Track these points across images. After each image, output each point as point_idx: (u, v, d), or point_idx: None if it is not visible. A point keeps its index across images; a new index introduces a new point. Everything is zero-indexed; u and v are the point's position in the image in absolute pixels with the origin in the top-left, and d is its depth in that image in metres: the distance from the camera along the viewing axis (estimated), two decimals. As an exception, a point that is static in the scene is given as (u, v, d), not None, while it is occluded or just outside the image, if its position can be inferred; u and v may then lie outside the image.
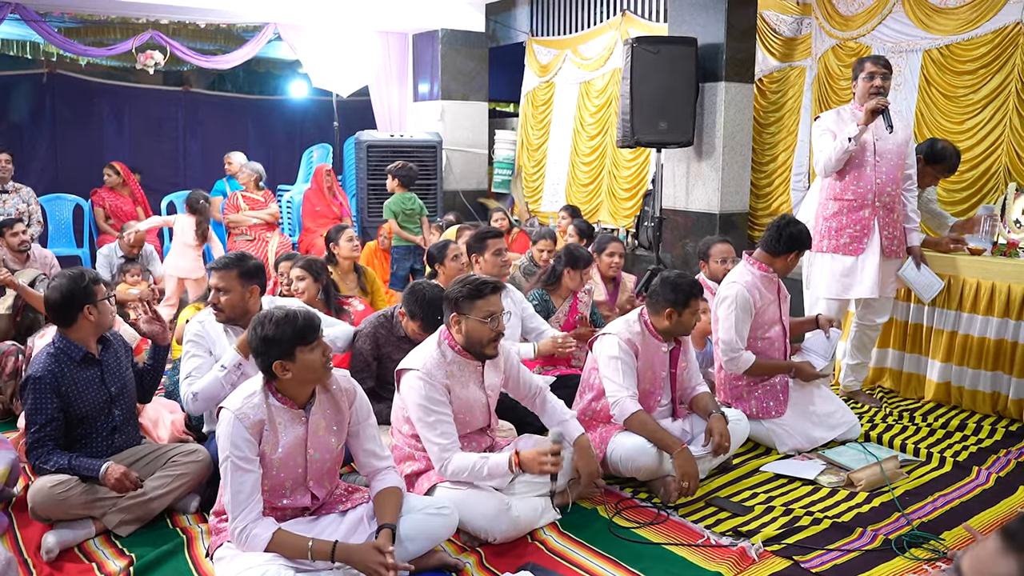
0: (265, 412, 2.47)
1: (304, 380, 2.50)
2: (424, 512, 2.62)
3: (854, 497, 3.24)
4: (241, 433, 2.41)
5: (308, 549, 2.39)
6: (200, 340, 3.27)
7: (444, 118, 8.59)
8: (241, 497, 2.40)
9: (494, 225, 6.56)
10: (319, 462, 2.57)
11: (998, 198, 4.68)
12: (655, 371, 3.39)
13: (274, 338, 2.42)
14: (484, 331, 2.88)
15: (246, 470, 2.41)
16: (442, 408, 2.86)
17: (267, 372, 2.47)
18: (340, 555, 2.39)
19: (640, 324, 3.37)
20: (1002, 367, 4.16)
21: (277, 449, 2.48)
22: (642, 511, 3.14)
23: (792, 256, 3.80)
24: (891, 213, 4.18)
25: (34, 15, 7.04)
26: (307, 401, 2.55)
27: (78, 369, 2.93)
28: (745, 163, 6.10)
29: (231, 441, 2.41)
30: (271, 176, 7.78)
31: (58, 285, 2.94)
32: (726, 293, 3.79)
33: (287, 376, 2.46)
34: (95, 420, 2.98)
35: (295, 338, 2.43)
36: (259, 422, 2.45)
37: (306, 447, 2.54)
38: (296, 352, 2.43)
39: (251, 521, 2.40)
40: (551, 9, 8.35)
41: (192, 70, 9.25)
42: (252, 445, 2.43)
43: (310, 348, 2.46)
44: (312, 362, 2.46)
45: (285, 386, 2.51)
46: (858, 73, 4.11)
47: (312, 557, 2.39)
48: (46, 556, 2.74)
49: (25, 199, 6.46)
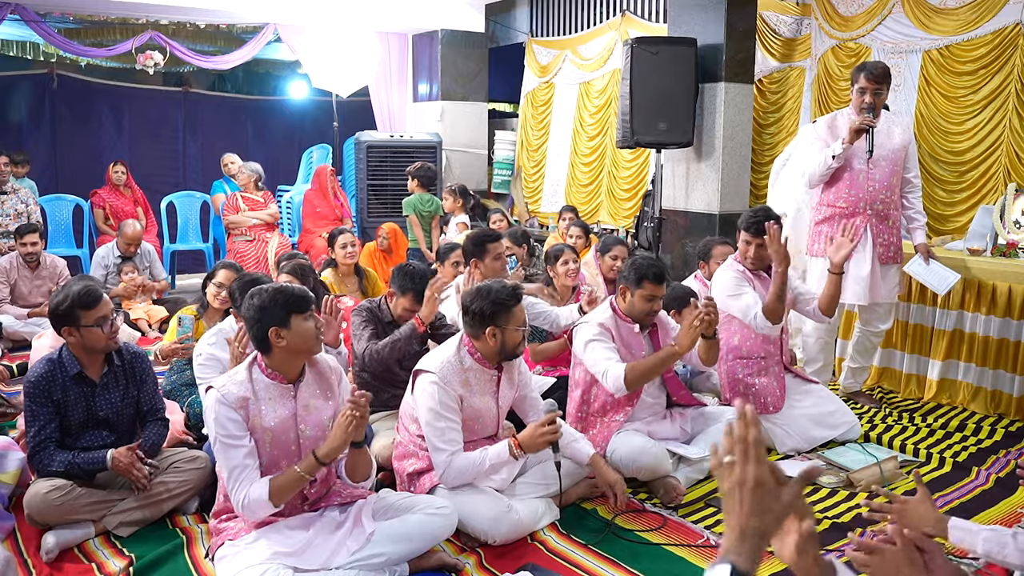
0: (249, 388, 2.52)
1: (298, 350, 2.54)
2: (424, 512, 2.63)
3: (854, 497, 3.24)
4: (225, 412, 2.46)
5: (300, 475, 2.45)
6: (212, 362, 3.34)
7: (444, 118, 8.59)
8: (236, 471, 2.45)
9: (493, 227, 6.57)
10: (311, 439, 2.59)
11: (998, 198, 4.68)
12: (634, 353, 3.38)
13: (270, 305, 2.49)
14: (519, 336, 2.93)
15: (235, 446, 2.46)
16: (452, 415, 2.86)
17: (262, 343, 2.52)
18: (323, 451, 2.46)
19: (609, 308, 3.43)
20: (1002, 367, 4.17)
21: (264, 422, 2.51)
22: (642, 512, 3.13)
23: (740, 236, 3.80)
24: (884, 220, 4.17)
25: (34, 16, 7.04)
26: (297, 377, 2.59)
27: (71, 383, 2.88)
28: (745, 164, 6.10)
29: (217, 422, 2.47)
30: (271, 177, 7.78)
31: (56, 294, 2.92)
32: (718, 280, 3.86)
33: (281, 344, 2.50)
34: (83, 434, 2.92)
35: (290, 305, 2.49)
36: (243, 398, 2.49)
37: (296, 423, 2.57)
38: (291, 319, 2.49)
39: (248, 488, 2.44)
40: (551, 9, 8.35)
41: (192, 71, 9.24)
42: (238, 423, 2.48)
43: (304, 317, 2.52)
44: (306, 330, 2.52)
45: (276, 359, 2.55)
46: (854, 82, 4.08)
47: (307, 474, 2.46)
48: (46, 556, 2.74)
49: (24, 199, 6.45)
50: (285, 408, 2.56)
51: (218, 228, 7.89)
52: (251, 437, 2.50)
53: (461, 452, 2.85)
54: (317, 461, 2.46)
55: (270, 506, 2.46)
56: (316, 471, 2.49)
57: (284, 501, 2.49)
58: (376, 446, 3.35)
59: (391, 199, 7.80)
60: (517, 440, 2.82)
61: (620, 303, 3.41)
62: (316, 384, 2.66)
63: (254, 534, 2.51)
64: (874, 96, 4.00)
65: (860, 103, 4.03)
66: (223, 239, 7.43)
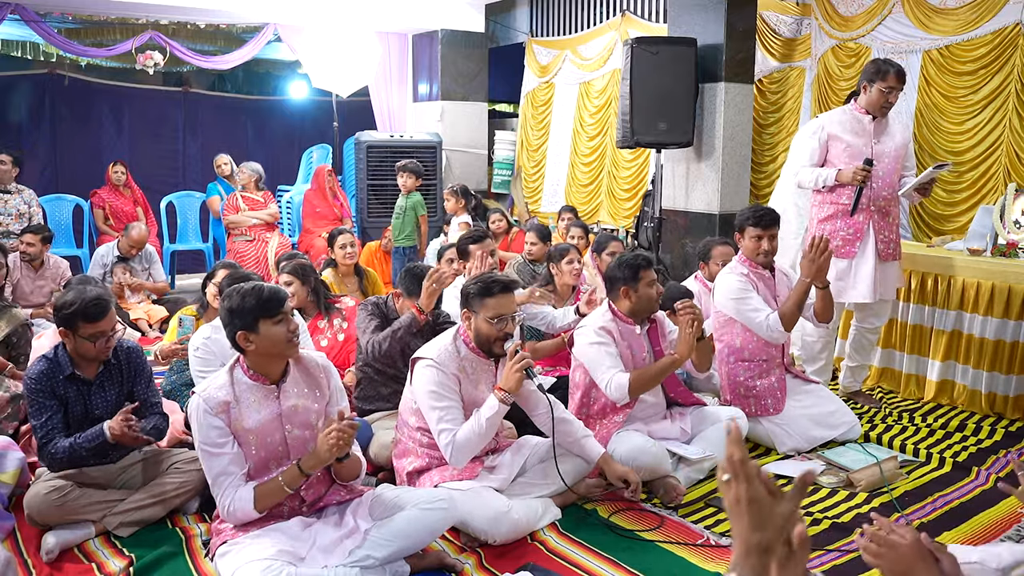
0: (231, 392, 2.52)
1: (269, 354, 2.53)
2: (419, 507, 2.61)
3: (854, 497, 3.24)
4: (207, 420, 2.47)
5: (282, 485, 2.46)
6: (209, 356, 3.35)
7: (444, 118, 8.59)
8: (220, 479, 2.47)
9: (492, 227, 6.57)
10: (300, 439, 2.59)
11: (998, 198, 4.68)
12: (635, 353, 3.41)
13: (238, 309, 2.48)
14: (491, 331, 2.91)
15: (216, 454, 2.47)
16: (452, 396, 2.89)
17: (234, 344, 2.53)
18: (307, 463, 2.47)
19: (608, 312, 3.44)
20: (1002, 367, 4.16)
21: (247, 424, 2.51)
22: (642, 512, 3.13)
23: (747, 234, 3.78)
24: (886, 217, 4.18)
25: (34, 16, 7.04)
26: (280, 378, 2.59)
27: (67, 382, 2.90)
28: (745, 164, 6.10)
29: (200, 429, 2.48)
30: (271, 177, 7.78)
31: (65, 293, 2.92)
32: (721, 284, 3.84)
33: (251, 348, 2.50)
34: (82, 432, 2.91)
35: (258, 310, 2.48)
36: (224, 402, 2.50)
37: (282, 423, 2.56)
38: (259, 324, 2.48)
39: (233, 495, 2.45)
40: (551, 10, 8.35)
41: (192, 71, 9.24)
42: (220, 430, 2.48)
43: (274, 321, 2.50)
44: (275, 335, 2.50)
45: (254, 361, 2.55)
46: (875, 79, 4.00)
47: (289, 486, 2.47)
48: (46, 556, 2.74)
49: (27, 200, 6.46)
50: (269, 410, 2.55)
51: (218, 228, 7.88)
52: (235, 443, 2.50)
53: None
54: (300, 472, 2.47)
55: (255, 513, 2.47)
56: (299, 482, 2.49)
57: (268, 508, 2.49)
58: (376, 446, 3.35)
59: (391, 199, 7.77)
60: (498, 386, 2.86)
61: (621, 304, 3.42)
62: (303, 383, 2.64)
63: (254, 533, 2.50)
64: (895, 97, 4.03)
65: (882, 102, 4.02)
66: (223, 239, 7.43)
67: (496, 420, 2.87)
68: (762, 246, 3.76)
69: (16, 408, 3.64)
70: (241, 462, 2.50)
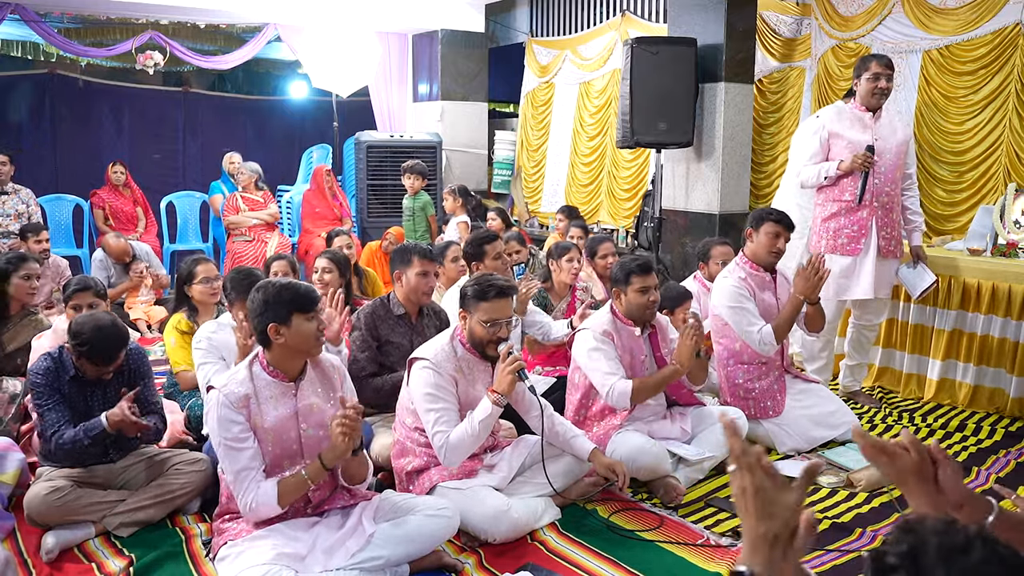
0: (250, 386, 2.52)
1: (296, 349, 2.54)
2: (424, 514, 2.63)
3: (854, 498, 3.24)
4: (228, 415, 2.46)
5: (306, 479, 2.48)
6: (211, 349, 3.34)
7: (444, 118, 8.59)
8: (242, 474, 2.46)
9: (487, 226, 6.56)
10: (314, 438, 2.60)
11: (998, 198, 4.68)
12: (635, 357, 3.41)
13: (274, 300, 2.49)
14: (484, 334, 2.92)
15: (239, 449, 2.47)
16: (448, 398, 2.89)
17: (262, 337, 2.52)
18: (327, 457, 2.48)
19: (609, 313, 3.44)
20: (1002, 367, 4.17)
21: (265, 421, 2.51)
22: (642, 513, 3.13)
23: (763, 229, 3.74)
24: (889, 213, 4.18)
25: (34, 16, 7.04)
26: (298, 375, 2.60)
27: (70, 382, 2.92)
28: (745, 164, 6.10)
29: (220, 424, 2.47)
30: (271, 177, 7.77)
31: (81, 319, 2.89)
32: (718, 289, 3.83)
33: (280, 341, 2.50)
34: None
35: (293, 303, 2.49)
36: (244, 396, 2.50)
37: (298, 421, 2.57)
38: (292, 317, 2.48)
39: (256, 491, 2.45)
40: (551, 10, 8.35)
41: (192, 71, 9.25)
42: (242, 425, 2.48)
43: (307, 317, 2.51)
44: (306, 331, 2.51)
45: (277, 356, 2.55)
46: (861, 72, 4.10)
47: (312, 480, 2.49)
48: (46, 556, 2.74)
49: (25, 200, 6.45)
50: (286, 407, 2.56)
51: (218, 228, 7.88)
52: (254, 438, 2.50)
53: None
54: (323, 466, 2.48)
55: (279, 509, 2.48)
56: (322, 476, 2.51)
57: (290, 503, 2.51)
58: (376, 446, 3.35)
59: (391, 199, 7.80)
60: (491, 388, 2.86)
61: (618, 306, 3.43)
62: (318, 383, 2.66)
63: (256, 534, 2.51)
64: (887, 81, 4.04)
65: (873, 88, 4.05)
66: (223, 239, 7.43)
67: (489, 422, 2.86)
68: (778, 244, 3.75)
69: (19, 409, 3.64)
70: (260, 458, 2.50)
